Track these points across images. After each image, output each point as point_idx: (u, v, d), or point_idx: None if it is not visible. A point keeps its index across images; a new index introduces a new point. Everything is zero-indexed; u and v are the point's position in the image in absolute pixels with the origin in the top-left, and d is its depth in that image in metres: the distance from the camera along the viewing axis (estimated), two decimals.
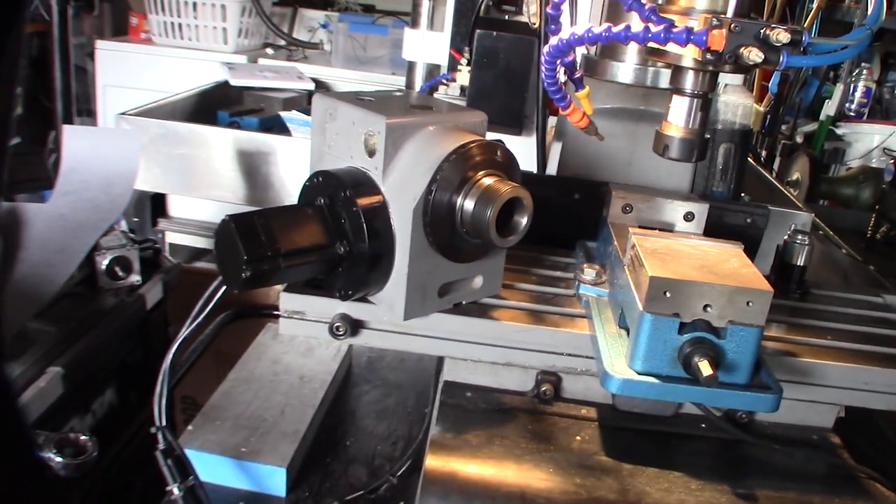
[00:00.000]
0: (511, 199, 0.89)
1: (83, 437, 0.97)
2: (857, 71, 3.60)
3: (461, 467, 0.84)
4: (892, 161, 2.03)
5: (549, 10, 0.95)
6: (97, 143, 1.51)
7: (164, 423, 1.04)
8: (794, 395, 0.99)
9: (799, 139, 3.32)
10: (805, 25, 3.41)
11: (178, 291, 1.57)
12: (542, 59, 0.94)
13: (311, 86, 2.64)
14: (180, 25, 3.18)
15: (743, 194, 1.95)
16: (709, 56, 0.82)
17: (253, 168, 1.92)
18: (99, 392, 1.32)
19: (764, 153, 3.32)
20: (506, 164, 0.94)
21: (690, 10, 0.91)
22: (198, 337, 1.23)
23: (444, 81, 2.03)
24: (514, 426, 0.93)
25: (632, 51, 1.13)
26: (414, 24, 2.10)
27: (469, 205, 0.89)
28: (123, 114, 1.88)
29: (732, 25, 0.79)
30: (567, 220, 1.27)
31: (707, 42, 0.79)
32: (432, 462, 0.83)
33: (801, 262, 1.18)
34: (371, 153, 0.93)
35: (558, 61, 0.94)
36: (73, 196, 1.46)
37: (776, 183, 2.03)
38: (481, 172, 0.91)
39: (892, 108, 3.63)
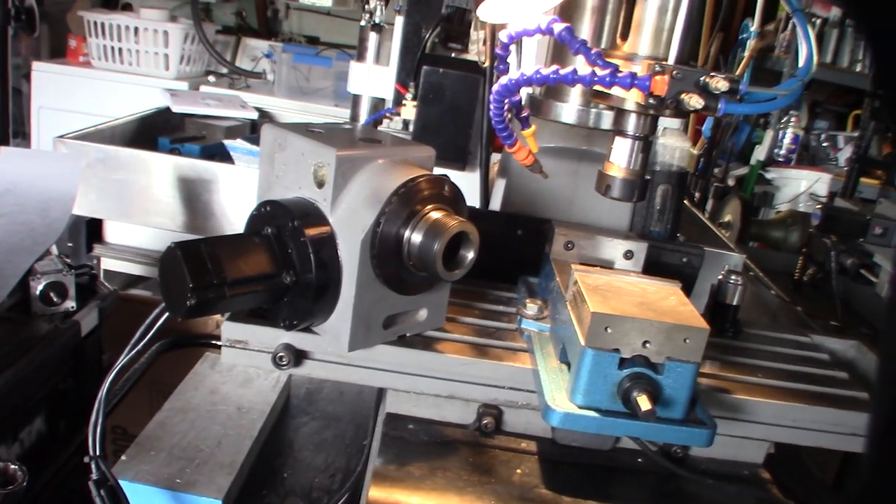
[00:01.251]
0: (458, 233, 0.91)
1: (13, 466, 0.94)
2: (785, 118, 3.76)
3: (404, 499, 0.84)
4: (818, 206, 2.12)
5: (497, 50, 0.98)
6: (35, 165, 1.48)
7: (98, 452, 1.01)
8: (727, 430, 1.02)
9: (731, 182, 3.44)
10: (737, 74, 3.55)
11: (112, 319, 1.54)
12: (491, 97, 0.96)
13: (255, 115, 2.64)
14: (121, 50, 3.15)
15: (679, 235, 2.01)
16: (651, 101, 0.85)
17: (193, 195, 1.90)
18: (28, 420, 1.27)
19: (697, 195, 3.43)
20: (453, 199, 0.96)
21: (633, 56, 0.94)
22: (132, 366, 1.20)
23: (389, 115, 2.06)
24: (455, 458, 0.93)
25: (575, 92, 1.17)
26: (360, 57, 2.13)
27: (416, 238, 0.90)
28: (62, 137, 1.84)
29: (674, 72, 0.82)
30: (510, 256, 1.29)
31: (650, 87, 0.83)
32: (375, 493, 0.83)
33: (734, 301, 1.22)
34: (320, 184, 0.93)
35: (506, 100, 0.97)
36: (7, 219, 1.42)
37: (709, 224, 2.09)
38: (429, 206, 0.92)
39: (819, 155, 3.80)
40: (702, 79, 0.83)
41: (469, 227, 0.92)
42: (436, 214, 0.91)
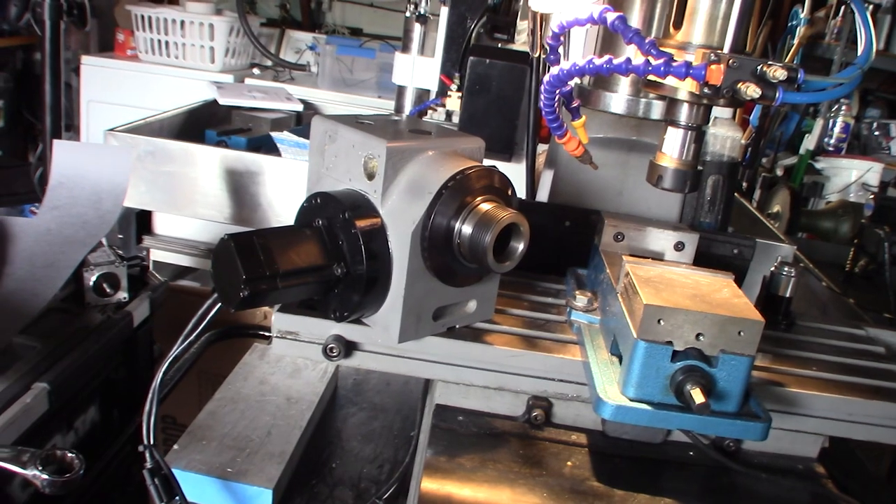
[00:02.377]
0: (508, 224, 0.91)
1: (69, 455, 0.96)
2: (836, 107, 3.68)
3: (456, 490, 0.84)
4: (871, 196, 2.07)
5: (549, 40, 0.97)
6: (87, 158, 1.51)
7: (152, 441, 1.03)
8: (780, 424, 1.00)
9: (779, 172, 3.37)
10: (787, 61, 3.47)
11: (162, 309, 1.56)
12: (542, 88, 0.95)
13: (300, 107, 2.65)
14: (167, 43, 3.19)
15: (729, 226, 1.98)
16: (706, 90, 0.84)
17: (241, 187, 1.92)
18: (82, 409, 1.30)
19: (745, 185, 3.37)
20: (503, 190, 0.96)
21: (687, 45, 0.93)
22: (183, 356, 1.22)
23: (433, 106, 2.05)
24: (505, 451, 0.93)
25: (625, 82, 1.15)
26: (405, 48, 2.13)
27: (467, 230, 0.90)
28: (113, 130, 1.87)
29: (731, 61, 0.81)
30: (558, 247, 1.28)
31: (706, 76, 0.81)
32: (428, 485, 0.83)
33: (787, 293, 1.19)
34: (370, 176, 0.93)
35: (557, 91, 0.96)
36: (61, 211, 1.45)
37: (759, 215, 2.06)
38: (479, 198, 0.92)
39: (870, 144, 3.71)
40: (759, 67, 0.81)
41: (520, 219, 0.91)
42: (486, 206, 0.91)
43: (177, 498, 1.03)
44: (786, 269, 1.19)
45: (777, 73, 0.80)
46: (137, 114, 2.20)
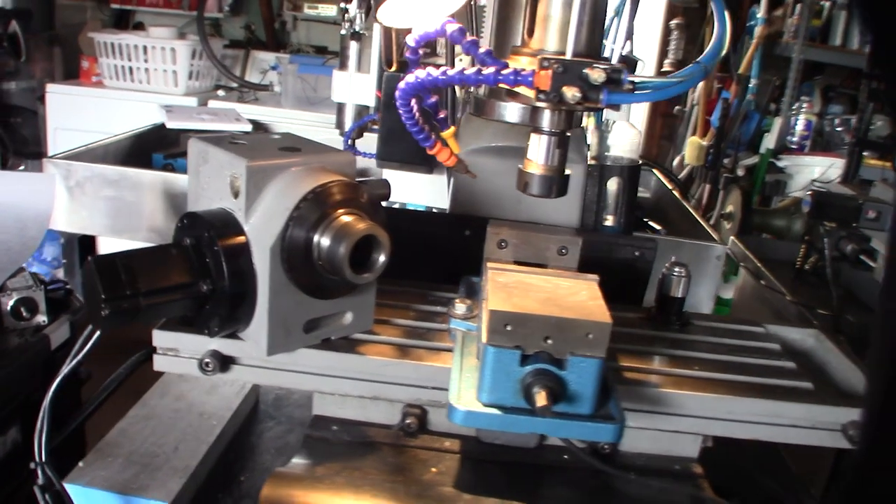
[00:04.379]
0: (370, 237, 0.93)
1: None
2: (797, 104, 3.69)
3: (299, 497, 0.86)
4: (808, 192, 2.08)
5: (408, 55, 0.99)
6: (12, 187, 1.54)
7: (43, 458, 1.05)
8: (656, 425, 1.01)
9: (741, 172, 3.38)
10: (745, 61, 3.51)
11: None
12: (398, 103, 0.97)
13: (249, 127, 2.68)
14: (131, 69, 3.23)
15: (660, 228, 2.00)
16: (541, 96, 0.85)
17: (184, 209, 1.94)
18: (2, 430, 1.33)
19: (708, 186, 3.39)
20: (368, 205, 0.98)
21: (540, 52, 0.95)
22: (80, 376, 1.24)
23: (373, 121, 2.08)
24: (373, 458, 0.95)
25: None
26: (342, 66, 2.15)
27: (325, 242, 0.92)
28: (51, 157, 1.90)
29: (556, 66, 0.82)
30: (459, 257, 1.30)
31: (534, 82, 0.83)
32: (266, 492, 0.85)
33: (679, 293, 1.21)
34: (236, 194, 0.96)
35: (413, 102, 0.98)
36: None
37: (697, 216, 2.07)
38: (340, 211, 0.94)
39: (833, 140, 3.72)
40: (584, 71, 0.83)
41: (378, 231, 0.93)
42: (345, 218, 0.93)
43: None
44: (676, 269, 1.20)
45: (596, 74, 0.82)
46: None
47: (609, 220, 1.38)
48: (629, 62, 1.33)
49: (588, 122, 1.54)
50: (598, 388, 0.88)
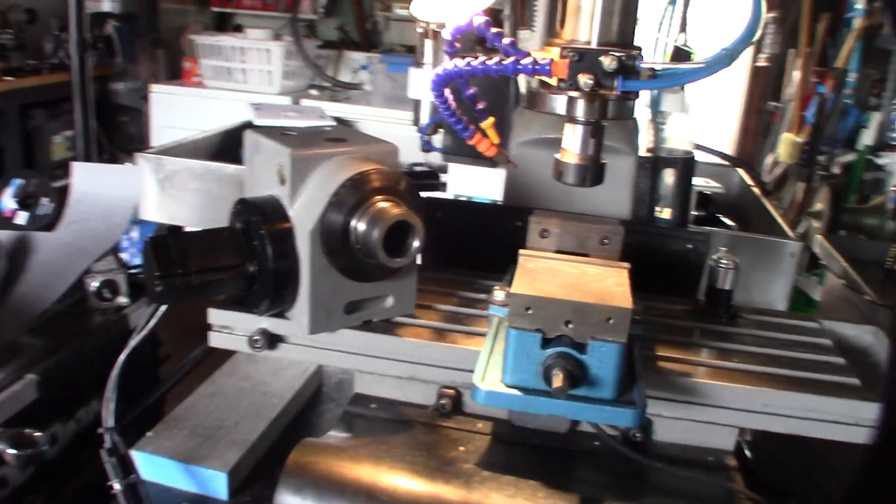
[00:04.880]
0: (404, 222, 0.97)
1: (37, 434, 1.09)
2: None
3: (322, 465, 0.90)
4: (892, 188, 1.97)
5: (445, 48, 1.03)
6: (100, 178, 1.66)
7: (111, 424, 1.15)
8: (690, 415, 1.01)
9: (836, 170, 3.25)
10: (843, 54, 3.37)
11: (177, 313, 1.69)
12: (433, 94, 1.01)
13: (332, 124, 2.77)
14: (229, 69, 3.39)
15: (731, 223, 1.96)
16: (561, 84, 0.87)
17: None
18: (84, 402, 1.44)
19: (804, 185, 3.27)
20: (407, 194, 1.02)
21: (573, 42, 0.96)
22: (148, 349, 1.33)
23: None
24: (405, 435, 0.99)
25: None
26: (418, 63, 2.20)
27: (361, 226, 0.97)
28: (142, 152, 2.03)
29: (572, 55, 0.84)
30: (512, 248, 1.32)
31: (552, 71, 0.85)
32: (292, 458, 0.90)
33: (726, 285, 1.19)
34: (282, 182, 1.02)
35: (447, 93, 1.01)
36: (77, 226, 1.61)
37: (774, 213, 2.02)
38: (377, 197, 0.98)
39: None
40: (599, 58, 0.84)
41: (412, 217, 0.97)
42: (382, 204, 0.97)
43: (132, 476, 1.14)
44: (724, 261, 1.19)
45: (608, 62, 0.83)
46: None
47: (664, 213, 1.38)
48: (681, 53, 1.33)
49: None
50: (619, 373, 0.89)
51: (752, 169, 2.52)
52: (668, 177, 1.35)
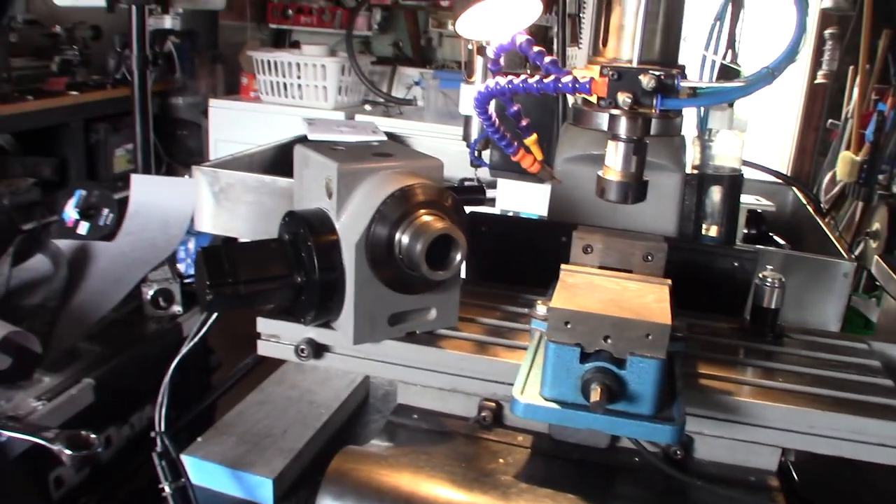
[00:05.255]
0: (447, 236, 0.99)
1: (92, 436, 1.13)
2: None
3: (363, 472, 0.92)
4: None
5: (489, 66, 1.05)
6: (158, 190, 1.72)
7: (162, 428, 1.18)
8: (732, 434, 1.01)
9: None
10: None
11: (225, 323, 1.74)
12: (476, 111, 1.03)
13: (384, 139, 2.82)
14: (285, 85, 3.47)
15: (783, 241, 1.93)
16: (601, 102, 0.88)
17: None
18: (137, 407, 1.49)
19: (861, 204, 3.20)
20: (451, 208, 1.03)
21: (614, 61, 0.98)
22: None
23: None
24: (445, 446, 1.00)
25: None
26: (467, 79, 2.22)
27: (405, 239, 0.99)
28: (199, 165, 2.09)
29: (611, 73, 0.85)
30: (557, 263, 1.33)
31: (591, 90, 0.86)
32: (334, 465, 0.92)
33: (772, 304, 1.18)
34: (329, 195, 1.05)
35: (491, 110, 1.03)
36: (134, 236, 1.67)
37: (828, 233, 1.98)
38: (421, 211, 1.00)
39: None
40: (639, 77, 0.85)
41: (455, 231, 0.99)
42: (425, 218, 0.99)
43: (182, 479, 1.17)
44: (769, 279, 1.18)
45: (646, 80, 0.84)
46: None
47: (711, 230, 1.37)
48: (728, 71, 1.32)
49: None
50: (658, 389, 0.89)
51: (806, 187, 2.48)
52: (715, 194, 1.35)
